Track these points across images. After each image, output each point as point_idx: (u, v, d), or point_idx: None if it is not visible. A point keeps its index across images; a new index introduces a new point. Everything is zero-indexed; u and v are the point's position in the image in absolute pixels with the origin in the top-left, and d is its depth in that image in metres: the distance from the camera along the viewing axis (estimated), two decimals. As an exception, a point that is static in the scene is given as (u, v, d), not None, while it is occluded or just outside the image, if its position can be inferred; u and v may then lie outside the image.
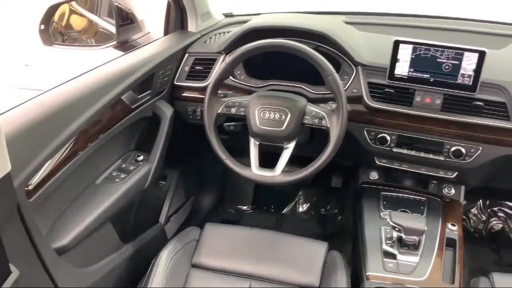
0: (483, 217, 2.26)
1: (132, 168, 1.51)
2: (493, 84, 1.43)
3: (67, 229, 1.25)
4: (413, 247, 1.37)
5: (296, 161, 1.54)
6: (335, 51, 1.56)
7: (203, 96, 1.45)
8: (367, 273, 1.32)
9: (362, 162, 1.74)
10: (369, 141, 1.57)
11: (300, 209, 2.38)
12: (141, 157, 1.56)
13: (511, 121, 1.40)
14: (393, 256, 1.36)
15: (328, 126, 1.38)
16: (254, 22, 1.62)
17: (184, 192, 2.09)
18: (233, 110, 1.45)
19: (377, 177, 1.71)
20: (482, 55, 1.37)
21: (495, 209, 2.26)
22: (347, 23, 1.78)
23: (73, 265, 1.28)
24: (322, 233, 2.22)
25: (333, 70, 1.34)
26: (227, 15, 2.00)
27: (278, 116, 1.39)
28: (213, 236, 1.49)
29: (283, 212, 2.37)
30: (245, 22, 1.67)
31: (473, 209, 2.27)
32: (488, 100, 1.42)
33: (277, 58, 1.46)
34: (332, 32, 1.54)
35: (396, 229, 1.37)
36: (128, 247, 1.57)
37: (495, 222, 2.25)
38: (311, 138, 1.64)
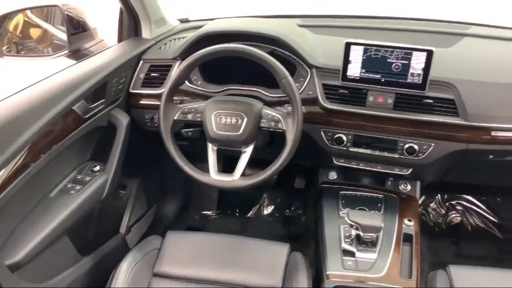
0: (442, 211, 2.33)
1: (88, 179, 1.48)
2: (442, 82, 1.47)
3: (20, 245, 1.22)
4: (371, 244, 1.40)
5: (257, 164, 1.54)
6: (290, 54, 1.57)
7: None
8: (327, 272, 1.34)
9: (321, 162, 1.76)
10: (326, 141, 1.59)
11: (265, 212, 2.39)
12: (98, 167, 1.53)
13: (460, 117, 1.45)
14: (352, 254, 1.38)
15: (284, 128, 1.39)
16: (209, 27, 1.62)
17: (146, 200, 2.06)
18: (189, 116, 1.44)
19: (336, 177, 1.73)
20: (430, 54, 1.41)
21: (453, 202, 2.33)
22: (301, 26, 1.80)
23: (28, 281, 1.25)
24: (287, 234, 2.23)
25: (287, 73, 1.36)
26: (182, 21, 1.99)
27: (235, 120, 1.40)
28: (174, 244, 1.47)
29: (248, 215, 2.37)
30: (200, 27, 1.67)
31: (432, 204, 2.33)
32: (437, 97, 1.46)
33: (234, 62, 1.47)
34: (285, 35, 1.55)
35: (354, 227, 1.39)
36: (87, 259, 1.54)
37: (453, 215, 2.32)
38: (271, 141, 1.65)
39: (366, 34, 1.76)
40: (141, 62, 1.69)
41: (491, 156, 1.55)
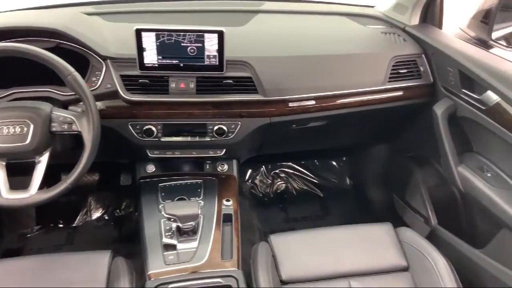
0: (268, 181, 2.45)
1: None
2: (238, 61, 1.49)
3: None
4: (192, 233, 1.38)
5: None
6: (79, 47, 1.44)
7: None
8: (148, 272, 1.29)
9: (135, 157, 1.68)
10: (136, 135, 1.51)
11: (93, 217, 2.22)
12: None
13: (259, 93, 1.50)
14: (173, 247, 1.35)
15: (80, 129, 1.27)
16: None
17: None
18: None
19: (154, 169, 1.67)
20: (221, 35, 1.41)
21: (277, 171, 2.47)
22: (91, 14, 1.66)
23: None
24: (119, 236, 2.12)
25: (71, 69, 1.23)
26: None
27: (19, 129, 1.23)
28: None
29: (74, 224, 2.19)
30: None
31: (258, 176, 2.44)
32: (236, 77, 1.49)
33: (18, 62, 1.28)
34: (67, 27, 1.41)
35: (172, 219, 1.35)
36: None
37: (279, 183, 2.46)
38: (78, 142, 1.51)
39: (161, 18, 1.71)
40: None
41: (294, 126, 1.65)
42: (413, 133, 1.89)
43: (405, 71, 1.63)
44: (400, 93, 1.64)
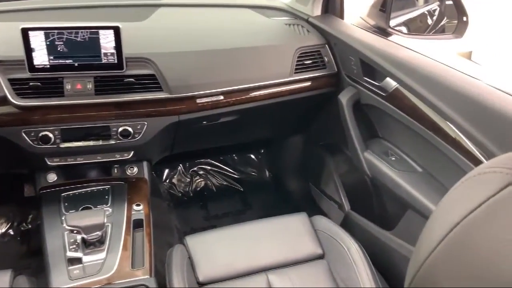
0: (187, 179, 2.39)
1: None
2: (139, 58, 1.42)
3: None
4: (99, 243, 1.30)
5: None
6: None
7: None
8: None
9: (34, 166, 1.56)
10: (31, 143, 1.40)
11: (-3, 233, 2.05)
12: None
13: (164, 91, 1.44)
14: (78, 261, 1.26)
15: None
16: None
17: None
18: None
19: (56, 178, 1.55)
20: (117, 31, 1.33)
21: (195, 169, 2.42)
22: None
23: None
24: (27, 251, 1.96)
25: None
26: None
27: None
28: None
29: None
30: None
31: (176, 175, 2.37)
32: (138, 74, 1.42)
33: None
34: None
35: (75, 231, 1.26)
36: None
37: (198, 180, 2.41)
38: None
39: (55, 15, 1.59)
40: None
41: (204, 122, 1.61)
42: (324, 122, 1.92)
43: (310, 62, 1.65)
44: (307, 83, 1.65)
